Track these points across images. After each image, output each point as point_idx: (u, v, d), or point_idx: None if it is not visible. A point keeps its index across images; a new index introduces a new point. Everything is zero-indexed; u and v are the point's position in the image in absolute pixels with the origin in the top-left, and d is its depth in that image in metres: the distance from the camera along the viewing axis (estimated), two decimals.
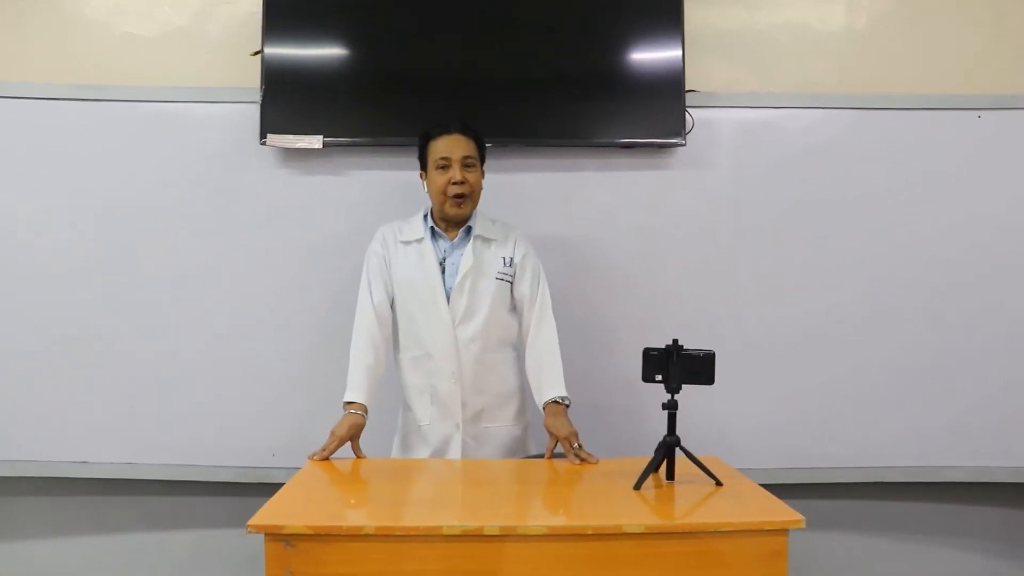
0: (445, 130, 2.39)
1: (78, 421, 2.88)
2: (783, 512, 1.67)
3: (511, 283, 2.44)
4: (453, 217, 2.40)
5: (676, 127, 2.81)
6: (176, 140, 2.87)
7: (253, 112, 2.82)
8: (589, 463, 2.16)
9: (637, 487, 1.86)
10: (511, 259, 2.44)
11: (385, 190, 2.83)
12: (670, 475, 1.95)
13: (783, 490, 1.90)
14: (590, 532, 1.58)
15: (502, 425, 2.44)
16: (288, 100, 2.81)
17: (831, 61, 3.01)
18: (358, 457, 2.23)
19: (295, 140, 2.80)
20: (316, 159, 2.85)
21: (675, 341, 1.93)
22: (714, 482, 1.90)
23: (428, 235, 2.42)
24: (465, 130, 2.40)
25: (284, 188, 2.86)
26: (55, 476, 2.92)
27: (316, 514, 1.67)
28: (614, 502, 1.77)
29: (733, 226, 2.92)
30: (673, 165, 2.87)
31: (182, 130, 2.87)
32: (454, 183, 2.34)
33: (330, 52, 2.85)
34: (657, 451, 1.94)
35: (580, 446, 2.21)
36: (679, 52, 2.81)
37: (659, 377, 1.93)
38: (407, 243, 2.44)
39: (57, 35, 3.06)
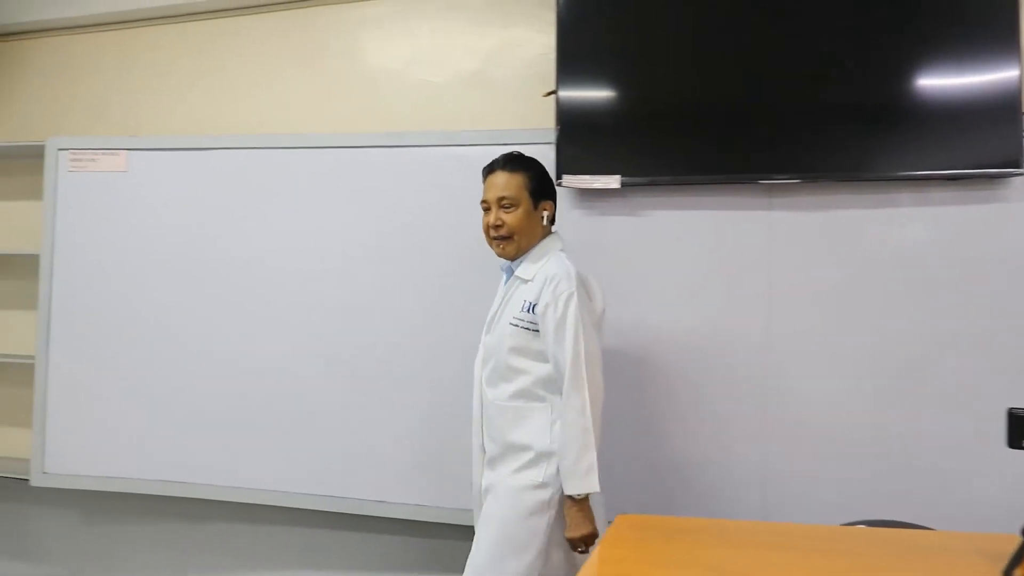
0: (490, 169, 2.49)
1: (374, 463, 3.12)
2: None
3: (530, 330, 2.36)
4: (500, 257, 2.49)
5: (1012, 154, 2.65)
6: (473, 183, 3.03)
7: (547, 153, 2.92)
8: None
9: (1007, 573, 1.75)
10: (532, 305, 2.36)
11: (684, 230, 2.86)
12: None
13: None
14: None
15: (507, 479, 2.37)
16: (583, 140, 2.90)
17: None
18: None
19: (591, 180, 2.89)
20: (612, 199, 2.92)
21: None
22: None
23: (506, 272, 2.52)
24: (508, 166, 2.46)
25: (580, 229, 2.94)
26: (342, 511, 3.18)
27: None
28: None
29: None
30: (1009, 197, 2.71)
31: (478, 173, 3.03)
32: (492, 226, 2.44)
33: (625, 90, 2.91)
34: None
35: (584, 549, 2.24)
36: (1016, 72, 2.65)
37: None
38: (501, 275, 2.57)
39: (356, 86, 3.36)
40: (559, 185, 2.88)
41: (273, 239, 3.24)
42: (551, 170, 2.87)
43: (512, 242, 2.44)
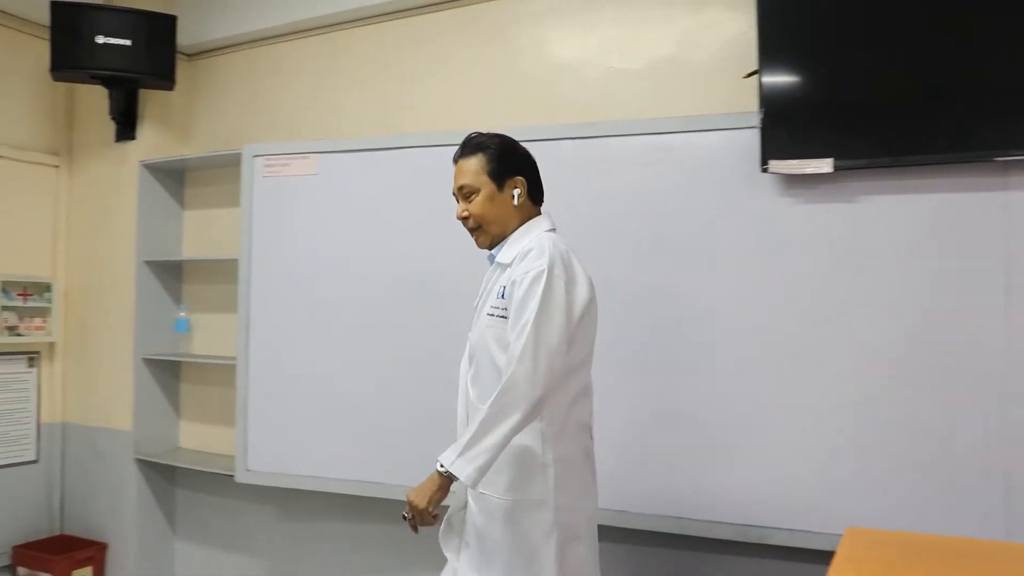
0: (454, 158, 2.27)
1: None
2: None
3: (505, 318, 2.09)
4: (481, 248, 2.28)
5: None
6: (671, 171, 2.92)
7: (750, 139, 2.78)
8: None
9: None
10: (504, 289, 2.11)
11: (906, 216, 2.65)
12: None
13: None
14: None
15: (502, 496, 2.10)
16: (790, 122, 2.72)
17: None
18: None
19: (801, 165, 2.72)
20: (824, 185, 2.74)
21: None
22: None
23: (489, 259, 2.28)
24: (462, 151, 2.24)
25: (788, 219, 2.78)
26: None
27: None
28: None
29: None
30: None
31: (676, 161, 2.92)
32: (459, 219, 2.25)
33: (835, 66, 2.72)
34: None
35: (413, 521, 2.06)
36: None
37: None
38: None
39: (542, 79, 3.30)
40: (765, 171, 2.73)
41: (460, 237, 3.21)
42: (754, 156, 2.74)
43: (482, 231, 2.23)
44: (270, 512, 3.88)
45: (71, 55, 3.74)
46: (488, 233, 2.23)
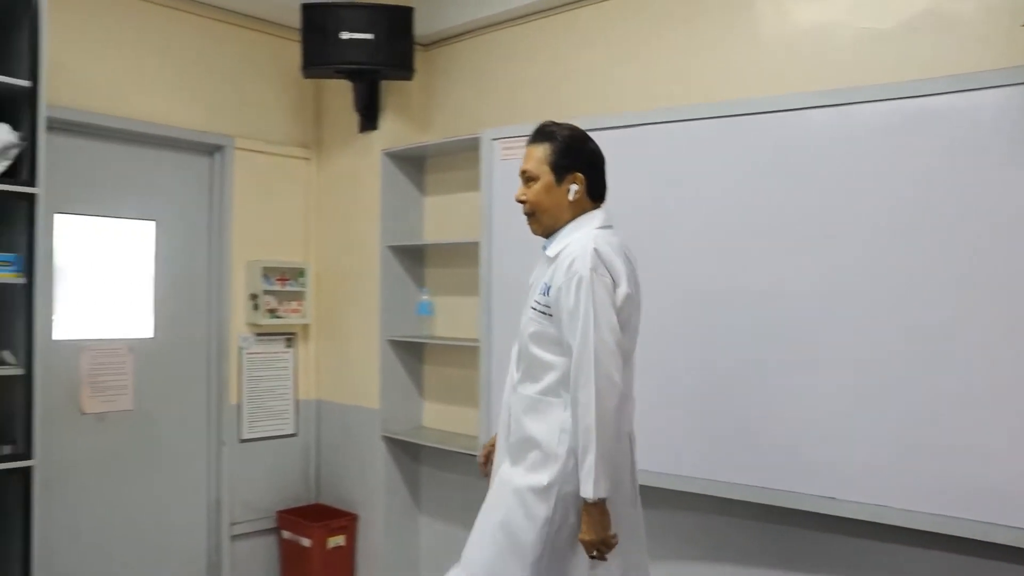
0: (526, 142, 2.38)
1: None
2: None
3: (547, 315, 2.24)
4: (534, 234, 2.41)
5: None
6: (936, 135, 2.70)
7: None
8: None
9: None
10: (548, 287, 2.23)
11: None
12: None
13: None
14: None
15: (516, 477, 2.29)
16: None
17: None
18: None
19: None
20: None
21: None
22: None
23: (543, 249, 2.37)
24: (533, 138, 2.34)
25: None
26: None
27: None
28: None
29: None
30: None
31: (941, 124, 2.69)
32: (518, 201, 2.37)
33: None
34: None
35: (598, 555, 2.11)
36: None
37: None
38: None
39: (788, 43, 3.16)
40: None
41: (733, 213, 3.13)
42: None
43: (535, 219, 2.35)
44: None
45: (319, 52, 3.98)
46: (541, 222, 2.34)
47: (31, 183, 3.01)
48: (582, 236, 2.23)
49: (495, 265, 3.65)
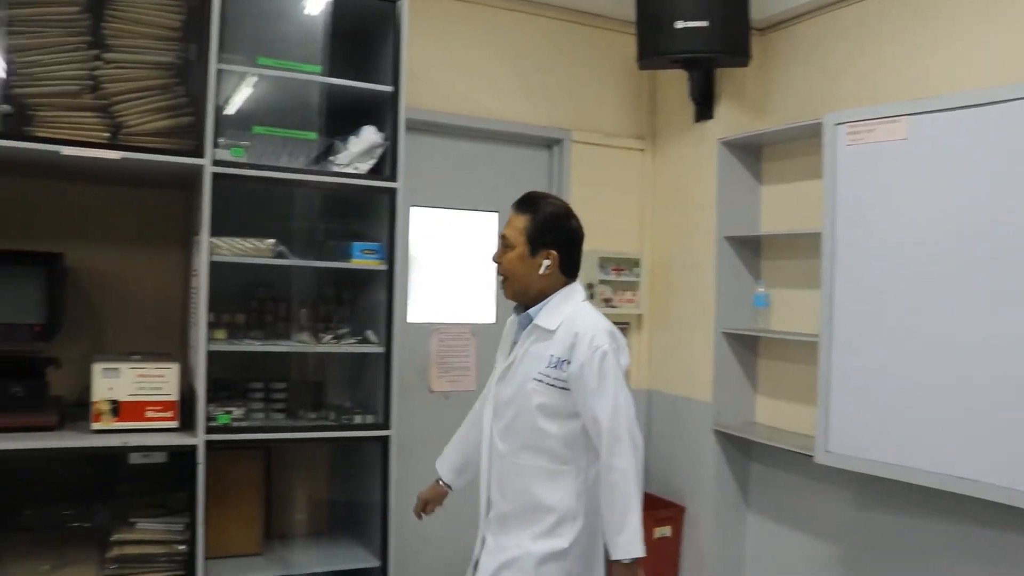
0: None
1: None
2: None
3: (558, 388, 2.30)
4: (507, 298, 2.48)
5: None
6: None
7: None
8: None
9: None
10: (561, 361, 2.29)
11: None
12: None
13: None
14: None
15: (529, 546, 2.30)
16: None
17: None
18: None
19: None
20: None
21: None
22: None
23: (520, 319, 2.44)
24: (516, 206, 2.43)
25: None
26: None
27: None
28: None
29: None
30: None
31: None
32: (493, 260, 2.45)
33: None
34: None
35: None
36: None
37: None
38: (510, 321, 2.54)
39: None
40: None
41: None
42: None
43: (507, 283, 2.42)
44: (847, 498, 3.75)
45: (654, 43, 4.00)
46: (511, 287, 2.41)
47: (392, 179, 3.34)
48: (580, 311, 2.36)
49: (839, 257, 3.46)
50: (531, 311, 2.39)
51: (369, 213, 3.47)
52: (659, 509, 4.35)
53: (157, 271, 3.56)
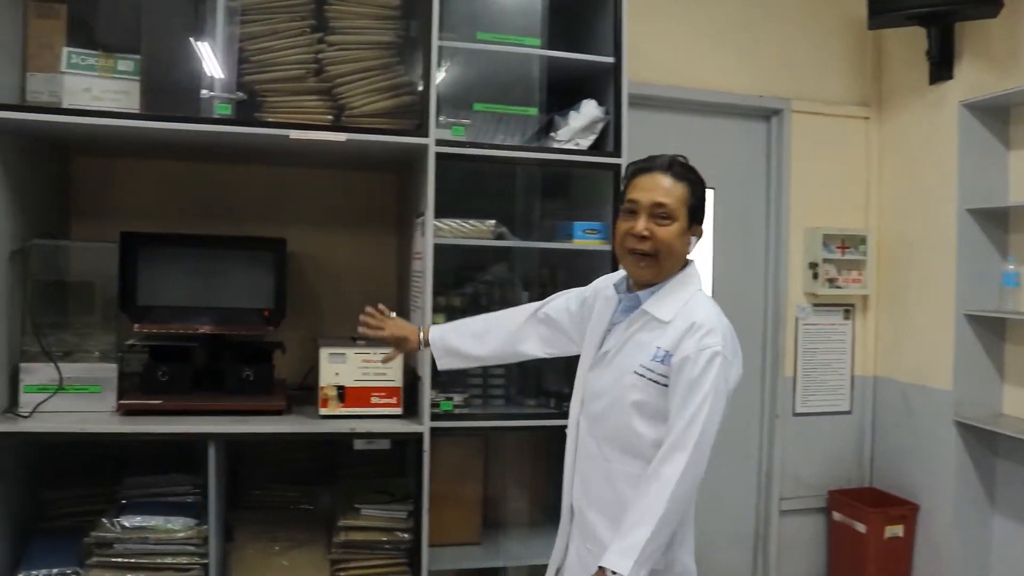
0: (646, 167, 2.06)
1: None
2: None
3: (661, 385, 1.98)
4: (634, 278, 2.09)
5: None
6: None
7: None
8: None
9: None
10: (666, 354, 1.97)
11: None
12: None
13: None
14: None
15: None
16: None
17: None
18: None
19: None
20: None
21: None
22: None
23: (614, 290, 2.15)
24: (673, 170, 2.03)
25: None
26: None
27: None
28: None
29: None
30: None
31: None
32: (633, 234, 2.01)
33: None
34: None
35: None
36: None
37: None
38: (606, 296, 2.18)
39: None
40: None
41: None
42: None
43: (656, 263, 2.04)
44: None
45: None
46: (659, 267, 2.05)
47: (616, 154, 3.19)
48: (699, 300, 2.05)
49: None
50: (641, 294, 2.09)
51: (584, 191, 3.35)
52: (889, 506, 4.07)
53: (370, 255, 3.59)
